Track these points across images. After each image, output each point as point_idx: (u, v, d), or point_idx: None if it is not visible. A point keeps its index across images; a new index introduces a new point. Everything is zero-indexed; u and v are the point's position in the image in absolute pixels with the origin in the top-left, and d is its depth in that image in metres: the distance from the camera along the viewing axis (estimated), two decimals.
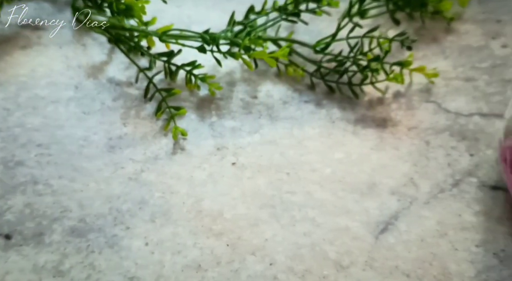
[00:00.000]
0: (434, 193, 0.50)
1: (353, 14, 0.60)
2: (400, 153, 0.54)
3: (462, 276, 0.44)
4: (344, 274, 0.45)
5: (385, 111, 0.59)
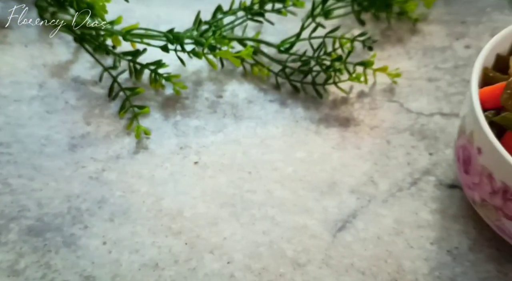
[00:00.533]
0: (392, 192, 0.51)
1: (317, 15, 0.60)
2: (361, 152, 0.55)
3: (416, 273, 0.45)
4: (301, 272, 0.45)
5: (348, 110, 0.59)
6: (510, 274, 0.44)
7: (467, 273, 0.44)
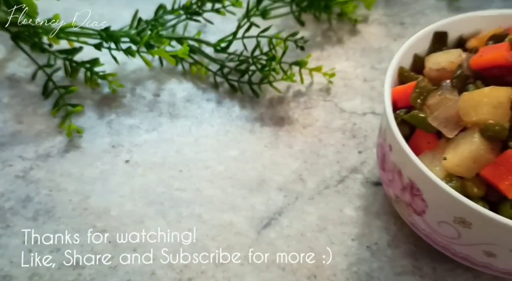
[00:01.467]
0: (320, 189, 0.52)
1: (253, 15, 0.60)
2: (293, 151, 0.56)
3: (335, 268, 0.46)
4: (222, 269, 0.45)
5: (284, 109, 0.60)
6: (425, 269, 0.45)
7: (384, 268, 0.45)
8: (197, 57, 0.63)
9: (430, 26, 0.47)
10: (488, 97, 0.37)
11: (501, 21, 0.47)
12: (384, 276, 0.45)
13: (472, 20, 0.47)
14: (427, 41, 0.47)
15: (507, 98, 0.37)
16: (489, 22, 0.47)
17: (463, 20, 0.47)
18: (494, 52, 0.40)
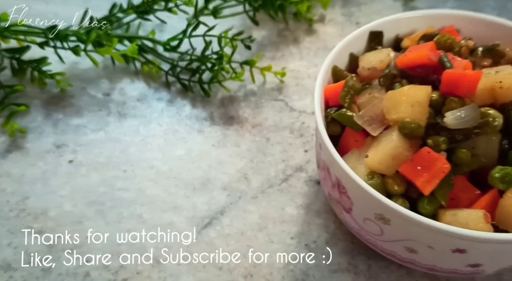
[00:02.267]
0: (263, 188, 0.52)
1: (201, 14, 0.60)
2: (240, 150, 0.56)
3: (272, 267, 0.46)
4: (158, 269, 0.45)
5: (234, 109, 0.60)
6: (360, 266, 0.45)
7: (320, 265, 0.46)
8: (151, 56, 0.63)
9: (366, 26, 0.47)
10: (406, 96, 0.37)
11: (435, 21, 0.47)
12: (319, 274, 0.45)
13: (407, 20, 0.48)
14: (363, 40, 0.48)
15: (426, 97, 0.37)
16: (423, 22, 0.47)
17: (398, 20, 0.48)
18: (417, 52, 0.40)
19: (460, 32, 0.48)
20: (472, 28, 0.47)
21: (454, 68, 0.39)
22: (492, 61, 0.41)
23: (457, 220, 0.35)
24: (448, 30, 0.47)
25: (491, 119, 0.36)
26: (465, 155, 0.36)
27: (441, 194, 0.35)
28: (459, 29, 0.48)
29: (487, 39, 0.45)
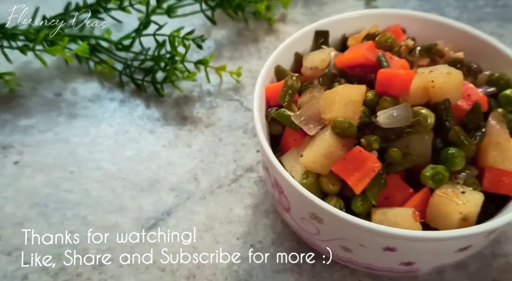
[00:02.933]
0: (213, 189, 0.51)
1: (154, 13, 0.60)
2: (191, 150, 0.55)
3: (215, 268, 0.45)
4: (99, 271, 0.45)
5: (188, 109, 0.59)
6: (304, 266, 0.45)
7: (264, 266, 0.45)
8: (106, 56, 0.62)
9: (311, 25, 0.47)
10: (340, 95, 0.37)
11: (381, 20, 0.47)
12: (263, 274, 0.45)
13: (354, 19, 0.48)
14: (309, 39, 0.48)
15: (359, 96, 0.37)
16: (370, 22, 0.47)
17: (344, 20, 0.48)
18: (355, 51, 0.40)
19: (406, 31, 0.48)
20: (417, 28, 0.47)
21: (390, 67, 0.39)
22: (429, 61, 0.41)
23: (387, 218, 0.35)
24: (393, 29, 0.47)
25: (423, 118, 0.36)
26: (396, 154, 0.36)
27: (372, 193, 0.35)
28: (405, 28, 0.48)
29: (431, 38, 0.45)
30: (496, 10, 0.70)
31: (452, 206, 0.34)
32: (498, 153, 0.37)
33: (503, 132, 0.37)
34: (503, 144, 0.37)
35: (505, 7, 0.70)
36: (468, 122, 0.38)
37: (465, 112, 0.38)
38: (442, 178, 0.35)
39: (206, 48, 0.67)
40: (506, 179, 0.36)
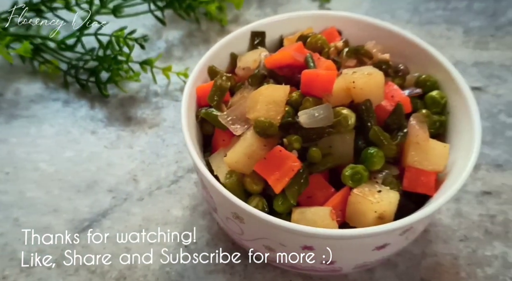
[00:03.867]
0: (151, 190, 0.51)
1: (97, 12, 0.59)
2: (133, 151, 0.55)
3: (147, 269, 0.45)
4: (27, 273, 0.44)
5: (133, 110, 0.59)
6: (237, 266, 0.45)
7: (196, 267, 0.45)
8: (51, 56, 0.61)
9: (247, 26, 0.47)
10: (263, 95, 0.37)
11: (317, 22, 0.48)
12: (195, 275, 0.44)
13: (290, 20, 0.48)
14: (246, 40, 0.48)
15: (283, 96, 0.37)
16: (306, 23, 0.48)
17: (281, 20, 0.48)
18: (282, 52, 0.40)
19: (342, 33, 0.48)
20: (353, 30, 0.48)
21: (317, 68, 0.39)
22: (357, 62, 0.41)
23: (305, 217, 0.35)
24: (328, 31, 0.47)
25: (343, 118, 0.36)
26: (316, 153, 0.36)
27: (291, 192, 0.36)
28: (341, 30, 0.48)
29: (366, 40, 0.46)
30: (446, 13, 0.71)
31: (367, 205, 0.34)
32: (417, 153, 0.37)
33: (422, 133, 0.37)
34: (422, 144, 0.37)
35: (455, 10, 0.72)
36: (390, 123, 0.39)
37: (388, 112, 0.39)
38: (361, 177, 0.36)
39: (156, 49, 0.67)
40: (424, 178, 0.37)
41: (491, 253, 0.45)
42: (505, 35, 0.66)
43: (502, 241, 0.45)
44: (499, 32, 0.67)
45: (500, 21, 0.68)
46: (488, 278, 0.43)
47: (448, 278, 0.43)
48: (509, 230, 0.46)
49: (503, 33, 0.66)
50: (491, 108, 0.57)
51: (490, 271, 0.44)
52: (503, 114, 0.56)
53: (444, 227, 0.47)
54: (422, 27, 0.69)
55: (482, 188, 0.50)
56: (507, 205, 0.48)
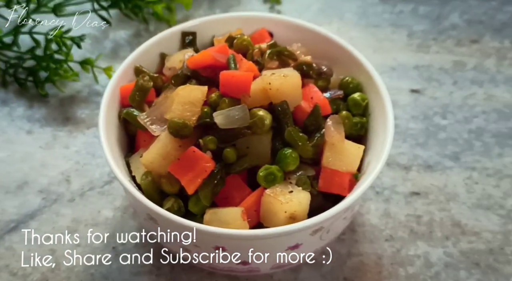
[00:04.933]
0: (83, 191, 0.50)
1: (33, 11, 0.58)
2: (68, 152, 0.54)
3: (71, 271, 0.44)
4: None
5: (72, 110, 0.58)
6: (163, 268, 0.45)
7: (123, 268, 0.45)
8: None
9: (178, 26, 0.47)
10: (179, 96, 0.37)
11: (248, 23, 0.48)
12: (120, 276, 0.44)
13: (222, 21, 0.48)
14: (177, 40, 0.47)
15: (199, 97, 0.37)
16: (237, 24, 0.48)
17: (212, 21, 0.48)
18: (203, 52, 0.40)
19: (274, 35, 0.49)
20: (283, 31, 0.48)
21: (239, 69, 0.40)
22: (279, 64, 0.42)
23: (217, 218, 0.35)
24: (259, 33, 0.48)
25: (258, 119, 0.37)
26: (231, 154, 0.36)
27: (204, 193, 0.36)
28: (272, 32, 0.49)
29: (296, 41, 0.46)
30: (393, 16, 0.72)
31: (278, 205, 0.35)
32: (332, 153, 0.38)
33: (337, 134, 0.38)
34: (337, 145, 0.38)
35: (401, 13, 0.73)
36: (309, 124, 0.39)
37: (307, 114, 0.39)
38: (275, 178, 0.36)
39: (102, 48, 0.66)
40: (338, 179, 0.37)
41: (414, 252, 0.46)
42: (446, 38, 0.67)
43: (426, 241, 0.46)
44: (442, 35, 0.68)
45: (443, 25, 0.69)
46: (409, 277, 0.44)
47: (370, 277, 0.44)
48: (433, 230, 0.47)
49: (445, 36, 0.68)
50: (427, 110, 0.58)
51: (412, 271, 0.44)
52: (438, 116, 0.58)
53: (372, 227, 0.48)
54: (368, 30, 0.70)
55: (412, 189, 0.50)
56: (433, 206, 0.49)
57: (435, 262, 0.45)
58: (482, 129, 0.56)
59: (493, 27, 0.68)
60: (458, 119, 0.57)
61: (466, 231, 0.47)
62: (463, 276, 0.44)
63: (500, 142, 0.54)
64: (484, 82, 0.61)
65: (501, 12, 0.71)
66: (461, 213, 0.48)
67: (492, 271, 0.44)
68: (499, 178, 0.51)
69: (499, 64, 0.63)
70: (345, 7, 0.76)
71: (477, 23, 0.69)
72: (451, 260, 0.45)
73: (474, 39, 0.67)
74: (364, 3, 0.75)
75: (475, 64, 0.64)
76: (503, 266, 0.44)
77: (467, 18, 0.70)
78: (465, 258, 0.45)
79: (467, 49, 0.66)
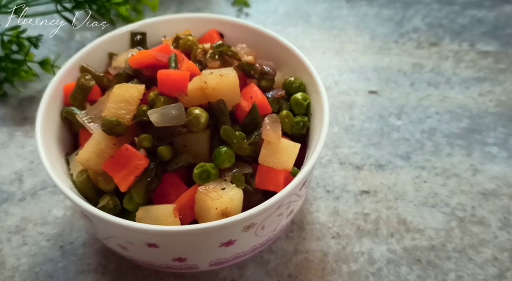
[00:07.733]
0: (36, 190, 0.51)
1: None
2: (23, 151, 0.54)
3: (16, 270, 0.44)
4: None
5: (32, 110, 0.58)
6: (110, 266, 0.45)
7: (68, 267, 0.45)
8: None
9: (127, 26, 0.48)
10: (114, 94, 0.37)
11: (198, 24, 0.48)
12: (65, 275, 0.44)
13: (171, 22, 0.49)
14: (126, 40, 0.48)
15: (135, 95, 0.38)
16: (187, 25, 0.48)
17: (162, 22, 0.49)
18: (143, 52, 0.41)
19: (225, 36, 0.49)
20: (232, 32, 0.48)
21: (180, 69, 0.40)
22: (221, 64, 0.42)
23: (149, 215, 0.35)
24: (209, 33, 0.48)
25: (194, 118, 0.37)
26: (165, 151, 0.37)
27: (137, 190, 0.36)
28: (224, 33, 0.49)
29: (245, 42, 0.47)
30: (357, 19, 0.73)
31: (209, 202, 0.35)
32: (268, 151, 0.38)
33: (272, 132, 0.38)
34: (273, 143, 0.38)
35: (365, 16, 0.74)
36: (247, 123, 0.40)
37: (247, 113, 0.40)
38: (209, 175, 0.36)
39: (67, 49, 0.66)
40: (274, 176, 0.38)
41: (359, 249, 0.46)
42: (407, 41, 0.68)
43: (371, 238, 0.47)
44: (403, 38, 0.69)
45: (405, 28, 0.70)
46: (351, 273, 0.44)
47: (314, 274, 0.44)
48: (379, 228, 0.48)
49: (405, 39, 0.69)
50: (383, 111, 0.59)
51: (355, 267, 0.45)
52: (393, 117, 0.58)
53: (320, 225, 0.48)
54: (331, 32, 0.71)
55: (362, 187, 0.51)
56: (381, 204, 0.49)
57: (378, 259, 0.45)
58: (434, 129, 0.56)
59: (453, 31, 0.69)
60: (412, 119, 0.58)
61: (411, 229, 0.47)
62: (404, 272, 0.44)
63: (450, 142, 0.55)
64: (440, 84, 0.62)
65: (462, 16, 0.72)
66: (407, 211, 0.49)
67: (432, 267, 0.44)
68: (447, 177, 0.51)
69: (456, 66, 0.64)
70: (311, 10, 0.77)
71: (437, 26, 0.70)
72: (393, 257, 0.45)
73: (434, 42, 0.68)
74: (330, 6, 0.76)
75: (432, 66, 0.65)
76: (443, 262, 0.45)
77: (429, 21, 0.71)
78: (407, 254, 0.45)
79: (426, 51, 0.67)
